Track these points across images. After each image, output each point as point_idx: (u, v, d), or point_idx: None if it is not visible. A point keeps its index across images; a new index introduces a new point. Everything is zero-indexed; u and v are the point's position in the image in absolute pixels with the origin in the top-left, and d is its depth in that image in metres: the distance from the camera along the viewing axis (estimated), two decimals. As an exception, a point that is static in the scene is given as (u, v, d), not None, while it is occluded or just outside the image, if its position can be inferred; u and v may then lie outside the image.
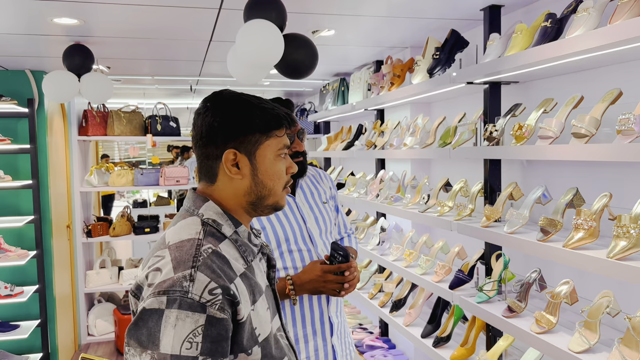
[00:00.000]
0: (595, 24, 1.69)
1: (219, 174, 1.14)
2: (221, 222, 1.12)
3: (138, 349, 0.95)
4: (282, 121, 1.15)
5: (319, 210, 1.92)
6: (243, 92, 1.17)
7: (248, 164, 1.12)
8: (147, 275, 1.01)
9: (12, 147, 3.71)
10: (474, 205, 2.48)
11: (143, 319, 0.95)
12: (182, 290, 0.96)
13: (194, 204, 1.14)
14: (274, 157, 1.15)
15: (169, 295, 0.95)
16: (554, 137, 1.88)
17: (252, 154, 1.12)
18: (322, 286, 1.71)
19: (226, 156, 1.11)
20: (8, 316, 3.88)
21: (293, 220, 1.84)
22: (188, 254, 1.02)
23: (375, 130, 3.63)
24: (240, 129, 1.11)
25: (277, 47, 2.08)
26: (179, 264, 0.99)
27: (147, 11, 2.47)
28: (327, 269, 1.71)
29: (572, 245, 1.74)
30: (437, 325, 2.78)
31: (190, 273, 0.98)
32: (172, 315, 0.94)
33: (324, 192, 1.99)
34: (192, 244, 1.04)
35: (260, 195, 1.15)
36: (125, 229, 4.77)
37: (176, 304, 0.95)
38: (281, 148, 1.16)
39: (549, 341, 1.83)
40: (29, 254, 3.74)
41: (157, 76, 4.42)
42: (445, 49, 2.63)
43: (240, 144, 1.11)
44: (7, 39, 2.98)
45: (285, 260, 1.78)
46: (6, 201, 3.91)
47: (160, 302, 0.95)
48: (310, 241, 1.83)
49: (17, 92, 3.83)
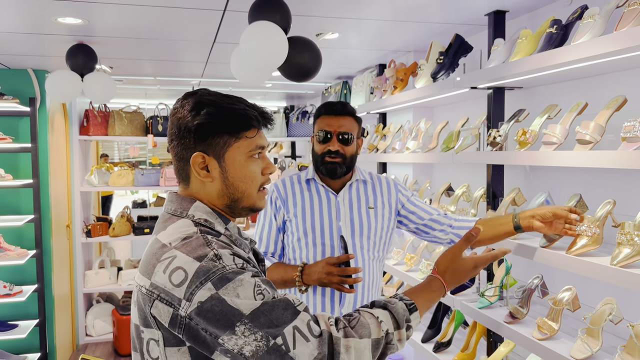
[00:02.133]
0: (601, 30, 1.69)
1: (191, 177, 1.13)
2: (212, 220, 1.11)
3: (228, 331, 0.94)
4: (251, 122, 1.12)
5: (358, 213, 1.94)
6: (217, 92, 1.14)
7: (217, 167, 1.11)
8: (170, 278, 0.99)
9: (13, 145, 3.71)
10: (476, 210, 2.47)
11: (210, 310, 0.95)
12: (218, 268, 0.97)
13: (180, 205, 1.12)
14: (245, 159, 1.12)
15: (211, 279, 0.96)
16: (558, 143, 1.88)
17: (220, 156, 1.10)
18: (324, 278, 1.73)
19: (194, 159, 1.09)
20: (6, 315, 3.87)
21: (326, 215, 1.88)
22: (199, 243, 1.02)
23: (378, 134, 3.63)
24: (208, 130, 1.08)
25: (281, 49, 2.08)
26: (198, 254, 0.99)
27: (151, 11, 2.47)
28: (329, 260, 1.73)
29: (575, 252, 1.73)
30: (438, 330, 2.77)
31: (214, 254, 0.99)
32: (228, 291, 0.95)
33: (374, 198, 1.98)
34: (197, 237, 1.03)
35: (233, 198, 1.13)
36: (125, 229, 4.76)
37: (224, 280, 0.96)
38: (253, 149, 1.13)
39: (550, 347, 1.82)
40: (28, 253, 3.73)
41: (160, 77, 4.41)
42: (449, 54, 2.63)
43: (209, 146, 1.09)
44: (10, 38, 2.97)
45: (308, 251, 1.82)
46: (6, 200, 3.91)
47: (209, 289, 0.96)
48: (337, 238, 1.86)
49: (19, 91, 3.82)
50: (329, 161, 1.88)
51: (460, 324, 2.68)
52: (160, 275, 1.00)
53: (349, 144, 1.90)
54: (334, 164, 1.88)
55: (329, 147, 1.88)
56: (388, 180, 2.08)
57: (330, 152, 1.87)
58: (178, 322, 0.98)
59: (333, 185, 1.96)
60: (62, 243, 4.35)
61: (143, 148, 8.66)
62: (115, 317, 4.59)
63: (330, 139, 1.89)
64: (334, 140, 1.88)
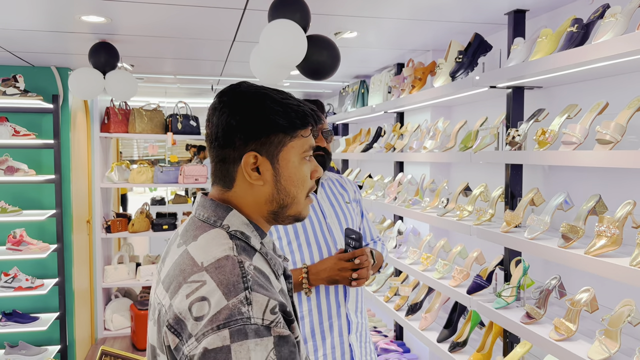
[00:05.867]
0: (623, 29, 1.67)
1: (236, 179, 1.00)
2: (249, 234, 1.00)
3: None
4: (309, 119, 1.02)
5: (340, 208, 1.94)
6: (265, 86, 1.04)
7: (270, 168, 0.99)
8: (191, 308, 0.86)
9: (36, 141, 3.78)
10: (494, 210, 2.46)
11: None
12: (243, 318, 0.83)
13: (214, 213, 1.00)
14: (299, 160, 1.02)
15: (230, 328, 0.82)
16: (577, 143, 1.86)
17: (274, 156, 0.99)
18: (336, 274, 1.72)
19: (246, 160, 0.98)
20: (28, 308, 3.95)
21: (312, 214, 1.86)
22: (234, 274, 0.88)
23: (395, 133, 3.63)
24: (262, 128, 0.98)
25: (300, 47, 2.09)
26: (229, 289, 0.86)
27: (173, 10, 2.50)
28: (342, 256, 1.73)
29: (594, 253, 1.72)
30: (454, 330, 2.77)
31: (245, 296, 0.85)
32: (242, 349, 0.82)
33: (347, 194, 2.01)
34: (233, 262, 0.91)
35: (282, 204, 1.02)
36: (144, 225, 4.83)
37: (242, 335, 0.82)
38: (306, 150, 1.03)
39: (567, 348, 1.81)
40: (50, 247, 3.80)
41: (179, 75, 4.47)
42: (468, 53, 2.62)
43: (262, 145, 0.98)
44: (34, 36, 3.04)
45: (303, 253, 1.80)
46: (29, 195, 3.99)
47: (224, 338, 0.82)
48: (330, 236, 1.84)
49: (43, 88, 3.90)
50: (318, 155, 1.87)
51: (476, 325, 2.67)
52: (181, 299, 0.88)
53: (330, 140, 1.92)
54: (321, 157, 1.87)
55: (317, 144, 1.89)
56: (352, 181, 2.10)
57: (319, 148, 1.88)
58: (179, 358, 0.88)
59: None
60: (82, 238, 4.42)
61: (162, 146, 8.76)
62: (133, 311, 4.66)
63: (317, 136, 1.90)
64: (320, 137, 1.89)
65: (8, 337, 3.80)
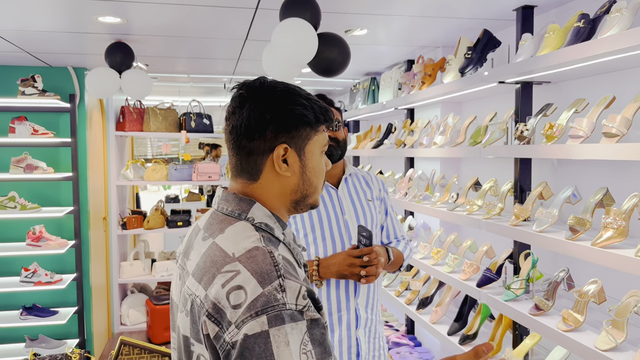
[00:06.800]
0: (629, 24, 1.70)
1: (264, 171, 1.05)
2: (272, 225, 1.05)
3: None
4: (329, 114, 1.09)
5: (360, 205, 1.96)
6: (285, 82, 1.09)
7: (297, 160, 1.05)
8: (228, 296, 0.90)
9: (54, 140, 3.88)
10: (503, 204, 2.49)
11: (248, 348, 0.86)
12: (279, 304, 0.88)
13: (238, 207, 1.04)
14: (320, 153, 1.09)
15: (268, 314, 0.87)
16: (584, 137, 1.89)
17: (301, 149, 1.05)
18: (345, 269, 1.75)
19: (277, 151, 1.02)
20: (48, 302, 4.05)
21: (331, 209, 1.90)
22: (266, 263, 0.93)
23: (405, 129, 3.66)
24: (293, 122, 1.03)
25: (311, 45, 2.14)
26: (264, 277, 0.90)
27: (186, 10, 2.56)
28: (352, 252, 1.76)
29: (600, 244, 1.75)
30: (464, 323, 2.80)
31: (279, 283, 0.90)
32: (280, 333, 0.86)
33: (370, 192, 2.03)
34: (263, 252, 0.95)
35: (305, 194, 1.08)
36: (159, 222, 4.91)
37: (279, 320, 0.87)
38: (325, 144, 1.10)
39: (575, 339, 1.84)
40: (68, 243, 3.90)
41: (193, 74, 4.54)
42: (477, 49, 2.65)
43: (292, 138, 1.04)
44: (51, 37, 3.12)
45: (317, 246, 1.84)
46: (48, 192, 4.08)
47: (262, 324, 0.87)
48: (346, 231, 1.88)
49: (60, 88, 3.99)
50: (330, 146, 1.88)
51: (486, 317, 2.70)
52: (217, 289, 0.92)
53: (338, 129, 1.92)
54: (329, 148, 1.87)
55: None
56: (379, 179, 2.12)
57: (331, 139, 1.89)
58: (219, 345, 0.91)
59: (330, 180, 1.98)
60: (99, 234, 4.52)
61: (175, 145, 8.87)
62: (149, 307, 4.75)
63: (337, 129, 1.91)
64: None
65: (28, 331, 3.90)
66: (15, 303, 4.00)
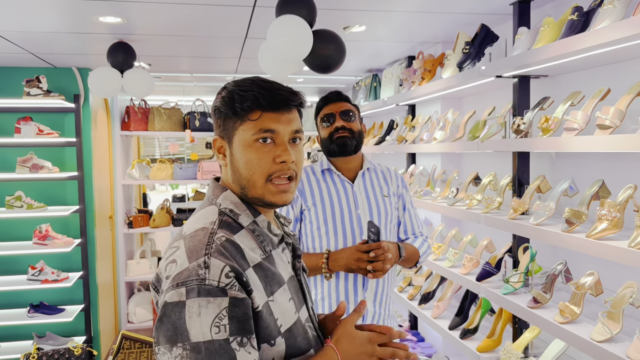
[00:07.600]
0: (621, 16, 1.70)
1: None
2: (238, 211, 1.09)
3: (167, 345, 0.94)
4: (251, 103, 1.05)
5: (375, 201, 1.99)
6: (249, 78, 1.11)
7: (229, 150, 1.10)
8: (166, 268, 1.00)
9: (59, 140, 3.92)
10: (502, 198, 2.50)
11: (166, 314, 0.95)
12: (198, 279, 0.95)
13: (212, 193, 1.13)
14: (250, 143, 1.06)
15: (187, 286, 0.94)
16: (579, 129, 1.89)
17: (231, 140, 1.09)
18: (352, 263, 1.78)
19: (214, 143, 1.13)
20: (55, 300, 4.10)
21: (345, 203, 1.93)
22: (201, 242, 1.00)
23: (407, 126, 3.67)
24: (219, 114, 1.10)
25: (306, 41, 2.16)
26: (192, 253, 0.98)
27: (186, 9, 2.59)
28: (360, 247, 1.79)
29: (595, 236, 1.75)
30: (465, 317, 2.81)
31: (204, 260, 0.97)
32: (194, 305, 0.93)
33: (387, 187, 2.05)
34: (205, 232, 1.02)
35: (242, 186, 1.09)
36: (164, 221, 4.95)
37: (195, 293, 0.94)
38: (256, 132, 1.06)
39: (571, 330, 1.85)
40: (74, 241, 3.94)
41: (196, 73, 4.56)
42: (475, 43, 2.66)
43: (223, 130, 1.10)
44: (54, 38, 3.15)
45: (329, 238, 1.88)
46: (53, 191, 4.13)
47: (180, 294, 0.94)
48: (358, 226, 1.90)
49: (64, 88, 4.03)
50: (337, 136, 1.93)
51: (486, 312, 2.71)
52: (162, 262, 1.03)
53: (352, 120, 1.95)
54: (342, 138, 1.93)
55: (334, 125, 1.95)
56: (399, 175, 2.14)
57: (337, 129, 1.94)
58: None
59: (347, 174, 2.01)
60: (105, 233, 4.56)
61: (182, 145, 8.92)
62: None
63: (334, 118, 1.96)
64: (338, 118, 1.94)
65: (36, 328, 3.95)
66: (22, 301, 4.05)
